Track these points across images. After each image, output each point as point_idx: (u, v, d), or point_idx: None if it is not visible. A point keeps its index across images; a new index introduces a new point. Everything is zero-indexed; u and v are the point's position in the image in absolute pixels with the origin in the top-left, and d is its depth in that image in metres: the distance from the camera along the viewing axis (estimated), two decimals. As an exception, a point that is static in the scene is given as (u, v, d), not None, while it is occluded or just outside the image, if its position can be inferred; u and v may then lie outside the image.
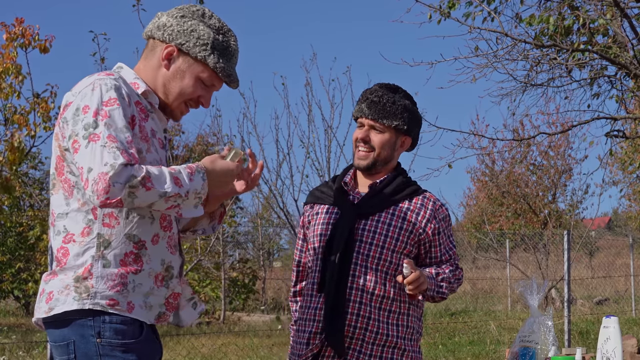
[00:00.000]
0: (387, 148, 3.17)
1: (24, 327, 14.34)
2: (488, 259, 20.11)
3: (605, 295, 18.65)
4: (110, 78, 2.50)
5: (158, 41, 2.65)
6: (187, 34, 2.62)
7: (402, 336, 3.13)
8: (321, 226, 3.20)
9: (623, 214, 31.90)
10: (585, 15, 8.52)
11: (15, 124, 10.95)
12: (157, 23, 2.67)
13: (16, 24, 10.95)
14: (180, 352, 10.55)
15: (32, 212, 16.01)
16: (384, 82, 3.25)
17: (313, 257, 3.21)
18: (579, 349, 3.32)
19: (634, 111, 10.61)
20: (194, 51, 2.62)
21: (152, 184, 2.36)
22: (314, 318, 3.14)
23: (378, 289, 3.09)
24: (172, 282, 2.60)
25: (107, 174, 2.31)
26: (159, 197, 2.37)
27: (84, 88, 2.48)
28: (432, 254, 3.20)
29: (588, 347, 9.79)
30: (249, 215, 23.18)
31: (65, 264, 2.49)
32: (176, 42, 2.62)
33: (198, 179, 2.45)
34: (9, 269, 16.56)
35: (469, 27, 8.62)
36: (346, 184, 3.23)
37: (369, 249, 3.10)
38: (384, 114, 3.13)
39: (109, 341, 2.44)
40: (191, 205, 2.45)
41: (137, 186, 2.33)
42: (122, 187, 2.32)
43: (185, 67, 2.63)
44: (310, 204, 3.30)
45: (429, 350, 10.80)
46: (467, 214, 28.07)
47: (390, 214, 3.14)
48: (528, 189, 23.20)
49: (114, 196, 2.32)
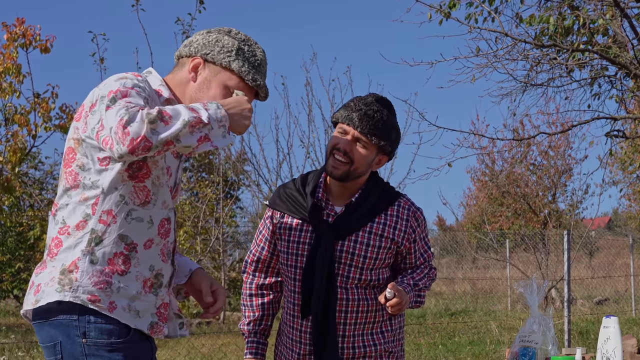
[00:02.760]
0: (365, 164, 3.04)
1: (24, 327, 14.34)
2: (488, 259, 20.12)
3: (605, 295, 18.65)
4: (137, 78, 2.51)
5: (185, 57, 2.68)
6: (212, 44, 2.64)
7: (388, 340, 3.12)
8: (297, 245, 3.10)
9: (623, 214, 31.90)
10: (585, 15, 8.53)
11: (15, 124, 10.97)
12: (185, 43, 2.71)
13: (17, 24, 10.97)
14: (180, 352, 10.55)
15: (32, 212, 16.00)
16: (378, 95, 3.12)
17: (289, 274, 3.12)
18: (579, 349, 3.32)
19: (634, 111, 10.61)
20: (219, 58, 2.62)
21: (169, 117, 2.32)
22: (301, 340, 3.08)
23: (361, 306, 3.05)
24: (161, 291, 2.58)
25: (122, 119, 2.29)
26: (183, 126, 2.32)
27: (107, 79, 2.50)
28: (407, 260, 3.16)
29: (588, 347, 9.79)
30: (249, 215, 23.16)
31: (56, 254, 2.50)
32: (201, 53, 2.64)
33: (213, 107, 2.42)
34: (8, 268, 16.57)
35: (469, 27, 8.63)
36: (319, 200, 3.10)
37: (349, 270, 3.04)
38: (375, 131, 3.01)
39: (95, 341, 2.44)
40: (219, 134, 2.41)
41: (155, 121, 2.29)
42: (141, 124, 2.28)
43: (211, 77, 2.63)
44: (280, 212, 3.17)
45: (429, 350, 10.80)
46: (467, 214, 28.08)
47: (368, 233, 3.05)
48: (528, 189, 23.20)
49: (137, 135, 2.28)
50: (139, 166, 2.50)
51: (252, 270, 3.26)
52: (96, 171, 2.48)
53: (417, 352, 10.55)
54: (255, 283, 3.25)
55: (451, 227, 31.46)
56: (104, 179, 2.47)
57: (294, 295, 3.11)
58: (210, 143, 2.39)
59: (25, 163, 16.64)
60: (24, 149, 11.02)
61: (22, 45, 10.98)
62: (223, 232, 14.88)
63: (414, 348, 10.91)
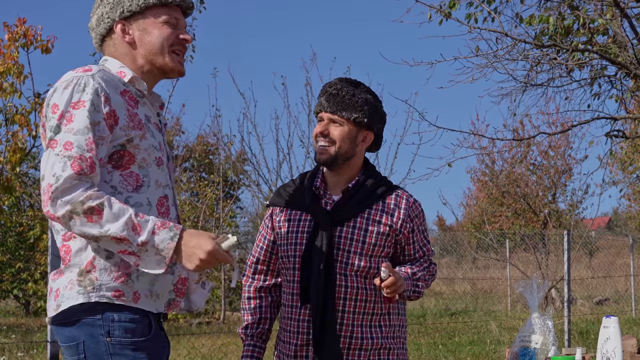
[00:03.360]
0: (347, 141, 3.09)
1: (24, 327, 14.34)
2: (488, 259, 20.13)
3: (605, 295, 18.66)
4: (87, 75, 2.45)
5: (107, 36, 2.62)
6: (117, 3, 2.60)
7: (385, 336, 3.12)
8: (295, 234, 3.12)
9: (623, 214, 31.92)
10: (585, 15, 8.53)
11: (16, 124, 10.97)
12: (92, 24, 2.65)
13: (18, 24, 10.96)
14: (181, 352, 10.55)
15: (32, 212, 16.03)
16: (345, 77, 3.19)
17: (288, 265, 3.14)
18: (579, 349, 3.32)
19: (634, 111, 10.62)
20: (134, 6, 2.59)
21: (98, 217, 2.32)
22: (299, 330, 3.09)
23: (360, 295, 3.07)
24: (176, 268, 2.58)
25: (51, 186, 2.32)
26: (100, 234, 2.33)
27: (59, 83, 2.46)
28: (406, 251, 3.18)
29: (588, 347, 9.79)
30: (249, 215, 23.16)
31: (69, 261, 2.49)
32: (116, 16, 2.60)
33: (164, 235, 2.38)
34: (8, 268, 16.58)
35: (469, 27, 8.64)
36: (317, 188, 3.15)
37: (347, 256, 3.06)
38: (343, 106, 3.07)
39: (119, 340, 2.44)
40: (152, 261, 2.38)
41: (78, 213, 2.31)
42: (63, 205, 2.31)
43: (143, 27, 2.60)
44: (280, 207, 3.21)
45: (429, 350, 10.81)
46: (467, 214, 28.08)
47: (366, 219, 3.09)
48: (528, 189, 23.19)
49: (55, 212, 2.32)
50: (120, 155, 2.48)
51: (252, 273, 3.27)
52: None
53: (417, 352, 10.55)
54: (254, 286, 3.26)
55: (451, 227, 31.46)
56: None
57: (292, 286, 3.12)
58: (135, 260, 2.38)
59: (25, 163, 16.64)
60: (24, 149, 11.03)
61: (23, 45, 10.98)
62: (223, 232, 14.88)
63: (414, 348, 10.91)
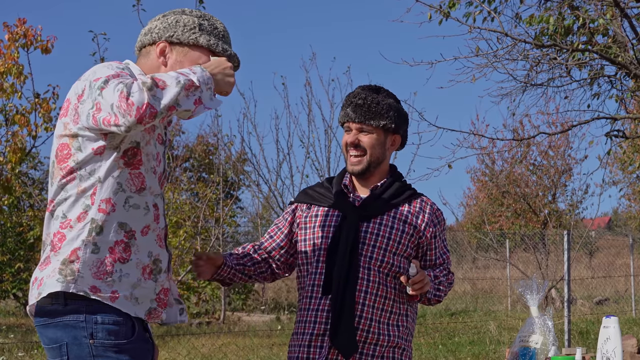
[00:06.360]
0: (377, 148, 3.20)
1: (24, 327, 14.34)
2: (488, 259, 20.11)
3: (605, 295, 18.64)
4: (120, 65, 2.53)
5: (149, 46, 2.67)
6: (173, 26, 2.64)
7: (401, 336, 3.17)
8: (322, 227, 3.20)
9: (623, 214, 31.92)
10: (585, 15, 8.53)
11: (15, 124, 10.97)
12: (143, 32, 2.70)
13: (18, 24, 10.96)
14: (180, 352, 10.55)
15: (32, 212, 16.01)
16: (365, 84, 3.28)
17: (312, 259, 3.20)
18: (579, 349, 3.32)
19: (634, 111, 10.62)
20: (184, 37, 2.63)
21: (164, 82, 2.36)
22: (316, 320, 3.14)
23: (380, 290, 3.12)
24: (160, 277, 2.60)
25: (122, 92, 2.33)
26: (180, 89, 2.36)
27: (92, 70, 2.50)
28: (427, 257, 3.25)
29: (588, 347, 9.79)
30: (249, 215, 23.24)
31: (59, 248, 2.49)
32: (165, 36, 2.64)
33: (199, 70, 2.46)
34: (8, 269, 16.57)
35: (469, 27, 8.64)
36: (346, 187, 3.25)
37: (372, 251, 3.13)
38: (370, 115, 3.16)
39: (102, 342, 2.45)
40: (207, 97, 2.45)
41: (152, 88, 2.33)
42: (141, 93, 2.32)
43: (181, 58, 2.64)
44: (307, 204, 3.30)
45: (429, 350, 10.80)
46: (467, 214, 28.08)
47: (392, 217, 3.19)
48: (528, 189, 23.21)
49: (141, 102, 2.31)
50: (134, 153, 2.52)
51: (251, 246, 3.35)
52: (92, 162, 2.49)
53: (417, 352, 10.55)
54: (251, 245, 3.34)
55: (451, 227, 31.44)
56: (100, 168, 2.48)
57: (314, 277, 3.17)
58: (203, 106, 2.43)
59: (25, 163, 16.65)
60: (24, 149, 11.03)
61: (23, 45, 10.98)
62: (223, 232, 14.88)
63: (414, 348, 10.90)
